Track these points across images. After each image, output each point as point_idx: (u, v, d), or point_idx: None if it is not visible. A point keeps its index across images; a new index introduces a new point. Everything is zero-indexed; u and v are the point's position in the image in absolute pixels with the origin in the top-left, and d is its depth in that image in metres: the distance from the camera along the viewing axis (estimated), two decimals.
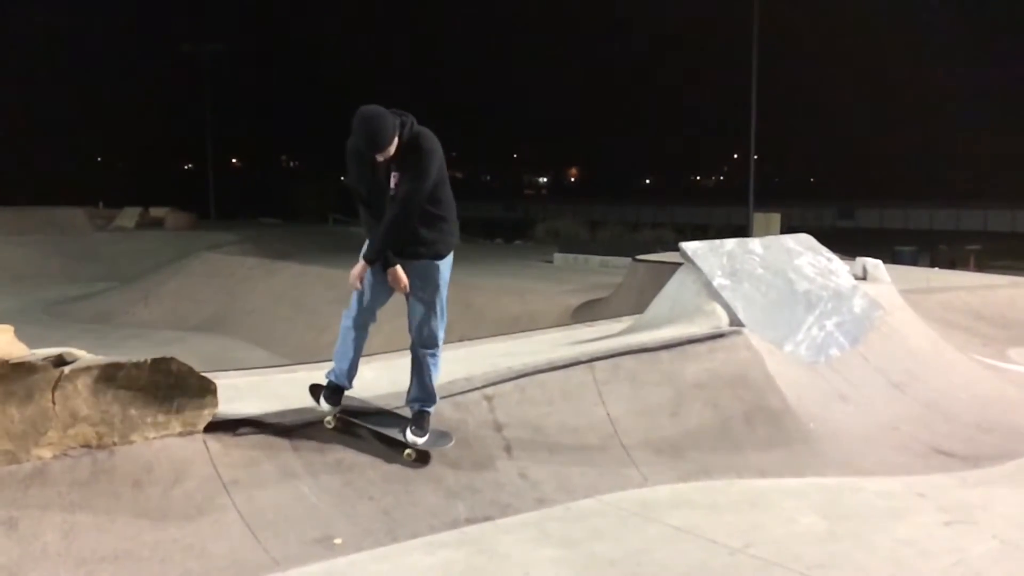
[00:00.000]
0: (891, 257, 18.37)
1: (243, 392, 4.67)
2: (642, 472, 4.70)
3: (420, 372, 4.36)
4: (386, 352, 6.44)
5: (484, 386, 4.86)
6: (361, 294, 4.33)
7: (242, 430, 4.09)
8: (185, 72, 51.15)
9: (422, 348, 4.34)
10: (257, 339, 17.90)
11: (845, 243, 14.82)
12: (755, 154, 31.08)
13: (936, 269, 15.08)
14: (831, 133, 69.77)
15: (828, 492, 4.57)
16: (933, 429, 5.53)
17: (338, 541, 3.71)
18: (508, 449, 4.63)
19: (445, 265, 4.30)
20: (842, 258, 7.30)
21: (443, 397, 4.67)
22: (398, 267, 4.19)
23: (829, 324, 6.23)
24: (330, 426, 4.27)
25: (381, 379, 4.97)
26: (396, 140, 3.99)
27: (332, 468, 4.13)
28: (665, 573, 3.58)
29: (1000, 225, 43.41)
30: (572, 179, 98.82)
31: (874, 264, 7.55)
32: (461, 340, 7.17)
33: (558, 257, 23.24)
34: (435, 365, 4.37)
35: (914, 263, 19.32)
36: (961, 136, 62.65)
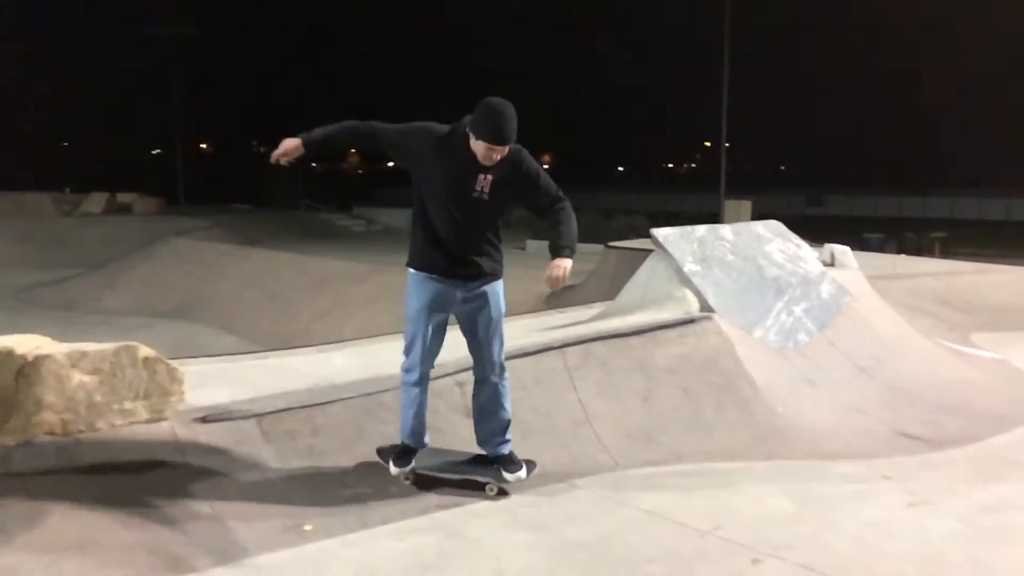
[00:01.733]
0: (859, 244, 18.65)
1: (212, 379, 4.63)
2: (613, 457, 4.73)
3: (499, 403, 4.19)
4: (358, 339, 6.43)
5: (456, 372, 4.85)
6: (424, 344, 4.08)
7: (211, 417, 4.06)
8: (153, 55, 50.35)
9: (496, 375, 4.19)
10: (227, 326, 17.77)
11: (814, 230, 14.96)
12: (727, 142, 31.28)
13: (902, 256, 15.30)
14: (802, 121, 70.29)
15: (796, 475, 4.63)
16: (898, 413, 5.62)
17: (308, 528, 3.70)
18: None
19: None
20: (811, 245, 7.38)
21: None
22: None
23: (798, 310, 6.29)
24: (408, 481, 4.17)
25: (351, 366, 4.96)
26: None
27: (303, 455, 4.12)
28: (635, 556, 3.61)
29: (966, 213, 44.05)
30: (545, 166, 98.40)
31: (842, 251, 7.64)
32: None
33: (531, 244, 23.32)
34: (509, 388, 4.24)
35: (881, 250, 19.61)
36: (930, 126, 63.40)
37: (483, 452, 4.24)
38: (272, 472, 3.98)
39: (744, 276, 6.36)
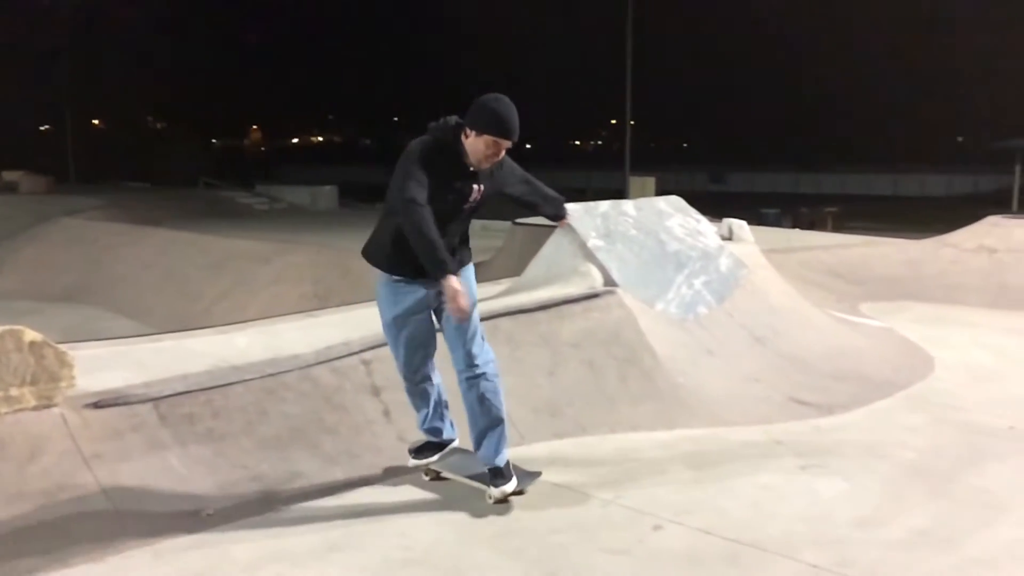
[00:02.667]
0: (757, 219, 19.24)
1: (106, 363, 4.46)
2: (519, 431, 4.78)
3: (488, 400, 3.85)
4: (262, 319, 6.29)
5: (362, 350, 4.81)
6: (405, 350, 3.88)
7: (104, 402, 3.92)
8: (42, 25, 47.61)
9: (480, 366, 3.83)
10: (124, 309, 17.11)
11: (716, 206, 15.31)
12: (632, 120, 31.73)
13: (797, 230, 15.90)
14: (706, 100, 71.85)
15: (695, 442, 4.78)
16: (791, 380, 5.85)
17: (209, 512, 3.63)
18: (387, 413, 4.62)
19: None
20: (710, 219, 7.57)
21: (321, 362, 4.62)
22: None
23: (697, 283, 6.47)
24: (427, 478, 4.12)
25: (254, 346, 4.84)
26: None
27: (202, 438, 4.02)
28: (541, 527, 3.68)
29: (856, 188, 46.00)
30: None
31: (739, 225, 7.86)
32: (339, 306, 7.09)
33: None
34: (498, 384, 3.91)
35: (777, 224, 20.33)
36: (824, 105, 65.72)
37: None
38: (170, 456, 3.87)
39: (646, 251, 6.49)
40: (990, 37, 50.43)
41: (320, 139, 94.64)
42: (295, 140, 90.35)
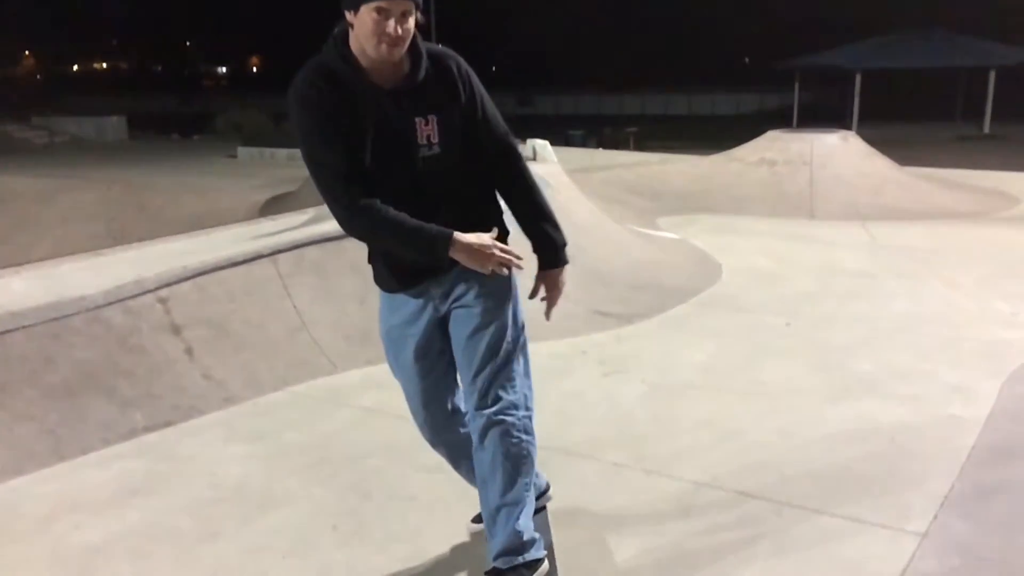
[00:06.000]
0: (564, 140, 19.76)
1: None
2: (331, 359, 4.75)
3: (499, 465, 2.47)
4: (46, 259, 5.81)
5: (157, 288, 4.56)
6: (417, 378, 2.62)
7: None
8: None
9: (500, 409, 2.47)
10: None
11: (525, 128, 15.54)
12: (437, 44, 31.32)
13: (601, 150, 16.48)
14: (511, 25, 71.97)
15: None
16: (594, 293, 6.12)
17: None
18: (189, 351, 4.43)
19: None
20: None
21: (111, 303, 4.34)
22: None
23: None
24: None
25: (34, 290, 4.47)
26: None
27: None
28: (355, 452, 3.70)
29: (655, 109, 48.04)
30: (254, 69, 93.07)
31: (542, 145, 8.03)
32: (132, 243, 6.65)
33: (242, 151, 22.10)
34: (530, 444, 2.52)
35: (583, 145, 21.00)
36: (621, 27, 67.64)
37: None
38: None
39: None
40: None
41: (104, 66, 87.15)
42: (75, 67, 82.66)
